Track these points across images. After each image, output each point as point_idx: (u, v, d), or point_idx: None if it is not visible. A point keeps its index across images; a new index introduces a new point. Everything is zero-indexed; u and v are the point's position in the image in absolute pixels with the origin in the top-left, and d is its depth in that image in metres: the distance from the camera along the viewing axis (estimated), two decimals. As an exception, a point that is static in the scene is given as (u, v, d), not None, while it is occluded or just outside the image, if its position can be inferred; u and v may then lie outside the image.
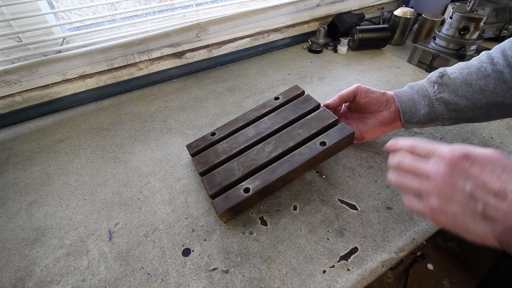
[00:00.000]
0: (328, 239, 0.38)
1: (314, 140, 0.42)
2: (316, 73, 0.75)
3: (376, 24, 0.91)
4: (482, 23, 0.64)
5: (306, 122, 0.45)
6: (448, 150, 0.28)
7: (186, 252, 0.37)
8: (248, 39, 0.80)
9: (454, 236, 0.37)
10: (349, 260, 0.36)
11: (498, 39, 0.83)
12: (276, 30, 0.83)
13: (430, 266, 1.04)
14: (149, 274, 0.35)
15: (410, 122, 0.44)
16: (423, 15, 0.82)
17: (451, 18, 0.66)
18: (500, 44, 0.41)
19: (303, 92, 0.52)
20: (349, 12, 0.90)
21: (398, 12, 0.84)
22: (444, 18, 0.77)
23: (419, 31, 0.85)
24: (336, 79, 0.72)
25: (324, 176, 0.47)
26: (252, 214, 0.42)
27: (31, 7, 0.56)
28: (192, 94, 0.68)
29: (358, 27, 0.81)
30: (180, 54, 0.73)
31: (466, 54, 0.66)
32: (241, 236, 0.39)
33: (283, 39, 0.86)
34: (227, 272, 0.35)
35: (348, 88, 0.47)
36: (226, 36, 0.77)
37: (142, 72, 0.70)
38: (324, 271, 0.35)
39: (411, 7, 0.88)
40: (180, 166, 0.50)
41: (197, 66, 0.77)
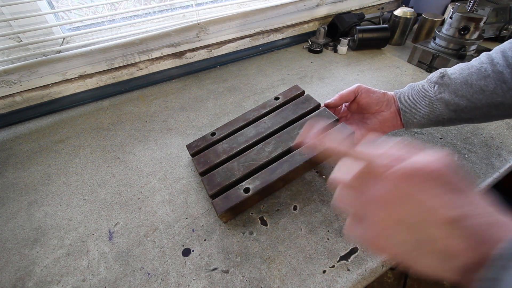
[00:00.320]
0: (328, 239, 0.38)
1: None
2: (316, 73, 0.75)
3: (376, 24, 0.91)
4: (482, 23, 0.64)
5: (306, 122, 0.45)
6: (389, 165, 0.23)
7: (186, 252, 0.37)
8: (248, 39, 0.80)
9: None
10: (349, 260, 0.36)
11: (498, 39, 0.83)
12: (276, 30, 0.83)
13: (430, 266, 1.03)
14: (149, 274, 0.35)
15: (411, 122, 0.44)
16: (423, 15, 0.82)
17: (451, 18, 0.66)
18: (500, 45, 0.41)
19: (303, 92, 0.52)
20: (349, 12, 0.90)
21: (398, 12, 0.84)
22: (444, 18, 0.77)
23: (419, 31, 0.85)
24: (336, 79, 0.72)
25: (324, 176, 0.47)
26: (252, 214, 0.42)
27: (31, 7, 0.56)
28: (192, 94, 0.68)
29: (358, 27, 0.81)
30: (180, 54, 0.73)
31: (466, 54, 0.66)
32: (241, 236, 0.39)
33: (283, 39, 0.86)
34: (227, 272, 0.35)
35: (348, 88, 0.47)
36: (226, 36, 0.77)
37: (142, 72, 0.70)
38: (324, 271, 0.35)
39: (411, 7, 0.88)
40: (180, 166, 0.50)
41: (197, 66, 0.77)
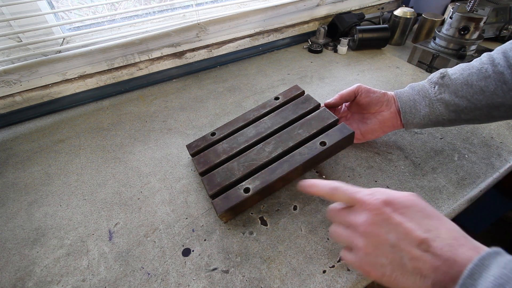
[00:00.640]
0: (328, 239, 0.38)
1: (314, 140, 0.42)
2: (316, 73, 0.75)
3: (376, 24, 0.91)
4: (482, 23, 0.64)
5: (306, 122, 0.45)
6: (368, 196, 0.27)
7: (186, 252, 0.37)
8: (248, 39, 0.80)
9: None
10: (349, 260, 0.36)
11: (498, 39, 0.83)
12: (276, 30, 0.83)
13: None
14: (149, 274, 0.35)
15: (410, 123, 0.44)
16: (423, 15, 0.82)
17: (451, 18, 0.66)
18: (502, 46, 0.41)
19: (303, 92, 0.52)
20: (349, 12, 0.90)
21: (398, 12, 0.84)
22: (444, 18, 0.77)
23: (419, 31, 0.85)
24: (336, 79, 0.72)
25: (324, 176, 0.47)
26: (252, 214, 0.42)
27: (31, 7, 0.56)
28: (192, 94, 0.68)
29: (358, 27, 0.81)
30: (180, 54, 0.73)
31: (466, 54, 0.66)
32: (241, 236, 0.39)
33: (283, 39, 0.86)
34: (227, 272, 0.35)
35: (349, 88, 0.47)
36: (226, 36, 0.77)
37: (142, 72, 0.70)
38: (324, 271, 0.35)
39: (411, 7, 0.88)
40: (180, 166, 0.50)
41: (197, 66, 0.77)
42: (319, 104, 0.48)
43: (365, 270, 0.27)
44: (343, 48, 0.82)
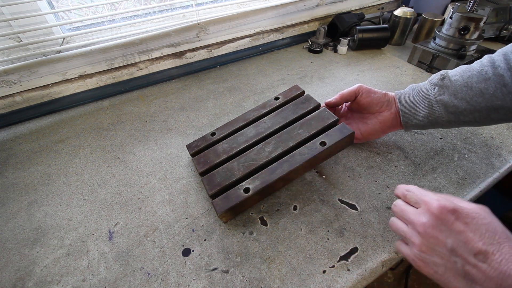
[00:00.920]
0: (328, 239, 0.38)
1: (314, 140, 0.42)
2: (316, 73, 0.75)
3: (376, 24, 0.91)
4: (482, 23, 0.64)
5: (306, 122, 0.45)
6: (435, 201, 0.29)
7: (186, 252, 0.37)
8: (248, 39, 0.80)
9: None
10: (349, 260, 0.36)
11: (498, 39, 0.84)
12: (276, 30, 0.83)
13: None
14: (149, 274, 0.35)
15: (410, 124, 0.44)
16: (423, 15, 0.82)
17: (451, 18, 0.66)
18: (503, 48, 0.41)
19: (303, 92, 0.52)
20: (349, 12, 0.90)
21: (398, 12, 0.84)
22: (444, 18, 0.77)
23: (419, 31, 0.85)
24: (336, 79, 0.72)
25: (324, 176, 0.47)
26: (252, 214, 0.42)
27: (31, 7, 0.56)
28: (192, 94, 0.68)
29: (358, 27, 0.81)
30: (180, 54, 0.73)
31: (466, 54, 0.66)
32: (241, 236, 0.39)
33: (283, 39, 0.86)
34: (227, 272, 0.35)
35: (349, 88, 0.47)
36: (226, 36, 0.77)
37: (142, 72, 0.70)
38: (324, 271, 0.35)
39: (411, 7, 0.88)
40: (180, 166, 0.50)
41: (197, 66, 0.77)
42: (319, 104, 0.48)
43: (417, 265, 0.29)
44: (343, 48, 0.82)
